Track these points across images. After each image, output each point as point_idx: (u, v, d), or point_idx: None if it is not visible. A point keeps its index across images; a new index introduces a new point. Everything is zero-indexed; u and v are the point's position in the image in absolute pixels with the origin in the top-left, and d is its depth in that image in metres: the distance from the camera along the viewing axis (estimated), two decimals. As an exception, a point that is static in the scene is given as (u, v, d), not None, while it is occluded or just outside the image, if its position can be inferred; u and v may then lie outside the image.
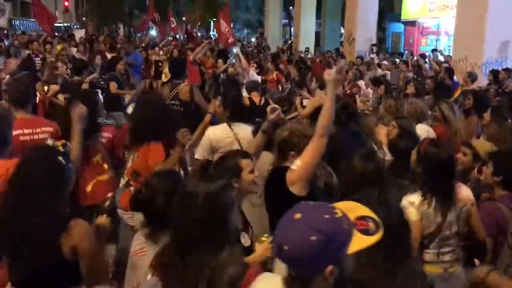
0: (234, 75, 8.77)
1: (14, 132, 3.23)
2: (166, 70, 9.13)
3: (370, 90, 8.23)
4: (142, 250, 2.34)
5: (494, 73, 8.65)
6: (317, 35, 22.57)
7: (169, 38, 20.13)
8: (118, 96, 7.25)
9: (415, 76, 9.60)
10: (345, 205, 1.53)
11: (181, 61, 7.37)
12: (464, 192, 2.99)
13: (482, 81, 8.87)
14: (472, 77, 8.34)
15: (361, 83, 9.34)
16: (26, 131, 3.55)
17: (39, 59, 10.35)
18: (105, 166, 3.66)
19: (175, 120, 3.91)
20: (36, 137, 3.56)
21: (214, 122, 4.53)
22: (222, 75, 10.89)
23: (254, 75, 8.89)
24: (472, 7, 9.89)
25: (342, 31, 20.89)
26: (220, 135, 3.98)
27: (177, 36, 23.00)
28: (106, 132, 3.92)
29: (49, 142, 2.58)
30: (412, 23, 22.41)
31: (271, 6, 24.22)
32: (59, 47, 11.05)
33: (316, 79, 7.95)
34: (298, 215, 1.44)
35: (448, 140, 4.41)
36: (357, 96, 8.37)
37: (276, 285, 1.54)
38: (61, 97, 6.06)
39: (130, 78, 9.25)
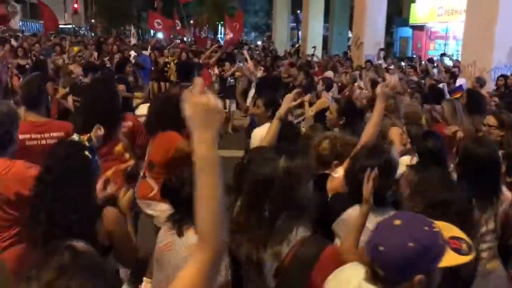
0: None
1: (21, 136, 3.17)
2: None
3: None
4: (169, 245, 2.37)
5: (505, 78, 8.61)
6: (325, 39, 22.57)
7: (177, 41, 20.20)
8: (126, 98, 7.28)
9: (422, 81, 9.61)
10: (441, 224, 1.62)
11: (189, 64, 7.42)
12: (505, 191, 2.97)
13: (491, 87, 8.82)
14: (481, 82, 8.31)
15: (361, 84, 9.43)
16: (34, 136, 3.48)
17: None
18: (127, 155, 3.56)
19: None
20: (43, 142, 3.48)
21: (253, 123, 4.58)
22: (229, 78, 10.95)
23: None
24: (481, 11, 9.84)
25: (350, 35, 20.87)
26: None
27: (185, 39, 23.08)
28: (128, 121, 3.94)
29: (75, 137, 2.60)
30: (420, 28, 22.36)
31: (279, 9, 24.25)
32: (76, 48, 11.14)
33: (322, 81, 7.95)
34: (398, 222, 1.54)
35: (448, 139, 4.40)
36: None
37: (358, 276, 1.60)
38: (70, 99, 6.09)
39: (138, 80, 9.30)
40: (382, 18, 16.16)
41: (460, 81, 9.18)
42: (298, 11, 28.62)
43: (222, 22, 16.88)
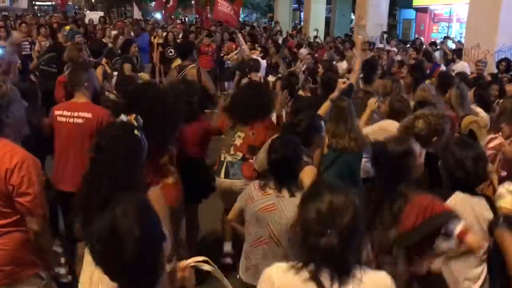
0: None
1: (56, 112, 3.83)
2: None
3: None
4: (273, 206, 2.73)
5: (507, 61, 8.53)
6: (327, 21, 22.35)
7: (177, 21, 20.09)
8: (132, 77, 7.26)
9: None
10: None
11: (187, 44, 7.39)
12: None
13: (494, 69, 8.76)
14: (482, 65, 8.29)
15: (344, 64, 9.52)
16: (66, 113, 3.81)
17: (27, 43, 9.93)
18: (171, 168, 3.46)
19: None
20: (71, 120, 3.78)
21: None
22: (228, 61, 10.94)
23: (258, 60, 8.88)
24: (486, -6, 9.74)
25: (353, 16, 20.68)
26: None
27: (185, 20, 22.92)
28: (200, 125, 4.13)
29: (123, 118, 2.65)
30: (424, 10, 22.15)
31: (281, -10, 23.98)
32: (67, 27, 10.96)
33: (322, 66, 7.88)
34: None
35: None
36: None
37: None
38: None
39: (139, 61, 9.25)
40: (385, -1, 16.02)
41: (462, 64, 9.13)
42: (301, -8, 28.32)
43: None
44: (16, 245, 2.44)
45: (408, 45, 13.69)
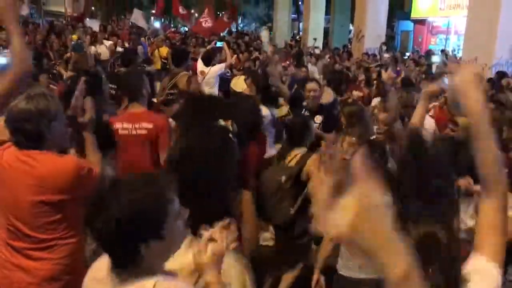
0: None
1: (116, 126, 3.48)
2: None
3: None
4: None
5: (500, 74, 8.53)
6: (326, 31, 22.46)
7: (172, 29, 20.22)
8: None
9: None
10: None
11: (181, 51, 7.35)
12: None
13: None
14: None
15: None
16: (125, 125, 3.61)
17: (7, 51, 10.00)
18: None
19: None
20: (134, 132, 3.61)
21: None
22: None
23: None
24: (484, 7, 9.79)
25: (351, 27, 20.78)
26: None
27: (185, 28, 22.99)
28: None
29: (221, 122, 2.65)
30: (422, 22, 22.28)
31: (281, 0, 24.09)
32: (74, 36, 10.99)
33: (324, 75, 7.93)
34: None
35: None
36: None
37: None
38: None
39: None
40: (384, 11, 16.10)
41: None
42: (300, 2, 28.46)
43: (223, 13, 16.73)
44: (66, 256, 2.44)
45: (406, 56, 13.79)
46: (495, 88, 7.83)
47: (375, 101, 6.09)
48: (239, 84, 6.41)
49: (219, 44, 11.80)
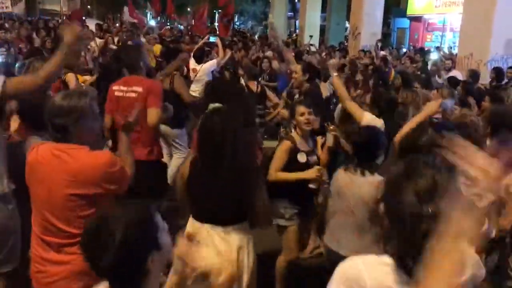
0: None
1: (114, 87, 4.11)
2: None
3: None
4: (350, 182, 3.14)
5: (497, 70, 8.60)
6: (322, 29, 22.49)
7: (167, 27, 20.28)
8: None
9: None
10: None
11: (172, 50, 7.31)
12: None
13: (487, 79, 8.84)
14: (473, 75, 8.31)
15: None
16: (122, 88, 4.09)
17: (4, 49, 9.82)
18: None
19: None
20: (127, 94, 4.05)
21: None
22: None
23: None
24: (479, 4, 9.83)
25: (347, 25, 20.82)
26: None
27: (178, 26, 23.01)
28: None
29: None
30: (418, 19, 22.36)
31: (277, -2, 24.13)
32: None
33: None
34: None
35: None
36: None
37: None
38: None
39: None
40: (380, 8, 16.14)
41: (454, 74, 9.20)
42: (296, 0, 28.50)
43: (220, 11, 16.77)
44: None
45: (403, 54, 13.85)
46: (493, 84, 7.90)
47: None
48: None
49: (212, 39, 11.78)
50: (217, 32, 15.69)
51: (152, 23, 26.11)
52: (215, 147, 2.62)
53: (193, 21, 19.74)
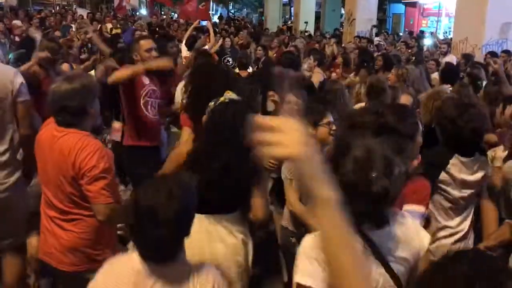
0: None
1: None
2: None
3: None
4: None
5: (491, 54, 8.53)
6: (317, 16, 22.36)
7: (163, 16, 20.08)
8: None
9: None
10: None
11: (162, 35, 7.23)
12: None
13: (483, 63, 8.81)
14: (468, 59, 8.27)
15: None
16: None
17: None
18: None
19: None
20: None
21: None
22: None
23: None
24: (474, -12, 9.81)
25: (343, 11, 20.70)
26: None
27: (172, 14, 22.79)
28: None
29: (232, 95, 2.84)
30: (413, 4, 22.27)
31: (272, -15, 23.89)
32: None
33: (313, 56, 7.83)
34: None
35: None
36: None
37: None
38: None
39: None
40: (375, -6, 16.06)
41: (450, 58, 9.18)
42: (291, -13, 28.28)
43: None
44: (88, 232, 2.56)
45: (399, 40, 13.80)
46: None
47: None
48: None
49: (203, 23, 11.66)
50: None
51: (143, 11, 25.90)
52: (225, 139, 2.49)
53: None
